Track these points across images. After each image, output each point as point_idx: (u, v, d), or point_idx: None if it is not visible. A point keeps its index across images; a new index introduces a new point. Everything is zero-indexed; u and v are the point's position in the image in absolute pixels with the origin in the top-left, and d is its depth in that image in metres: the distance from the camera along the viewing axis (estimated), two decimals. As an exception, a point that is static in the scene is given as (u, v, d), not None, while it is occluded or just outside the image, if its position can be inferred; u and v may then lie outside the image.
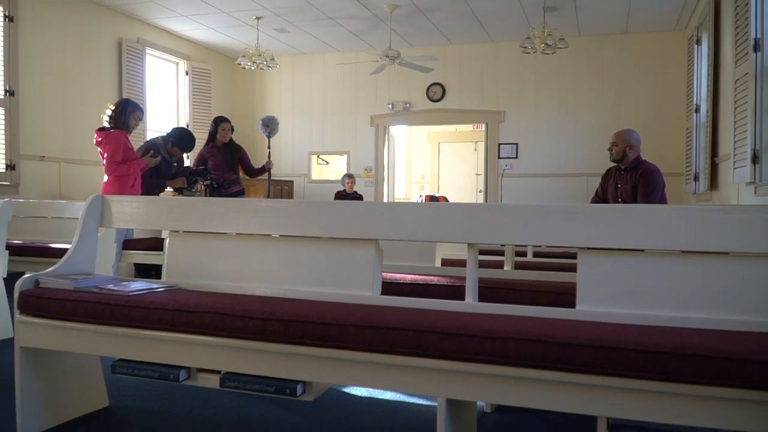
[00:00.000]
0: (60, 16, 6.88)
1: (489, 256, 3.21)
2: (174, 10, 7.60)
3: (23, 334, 2.03)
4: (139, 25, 8.03)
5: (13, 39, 6.31)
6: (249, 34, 8.42)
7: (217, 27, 8.33)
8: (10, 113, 6.28)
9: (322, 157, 10.15)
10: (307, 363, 1.71)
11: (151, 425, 2.18)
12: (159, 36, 8.41)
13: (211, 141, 5.71)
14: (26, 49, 6.48)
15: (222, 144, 5.68)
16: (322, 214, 2.09)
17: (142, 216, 2.35)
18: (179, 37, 8.78)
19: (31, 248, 4.22)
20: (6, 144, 6.24)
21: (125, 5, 7.42)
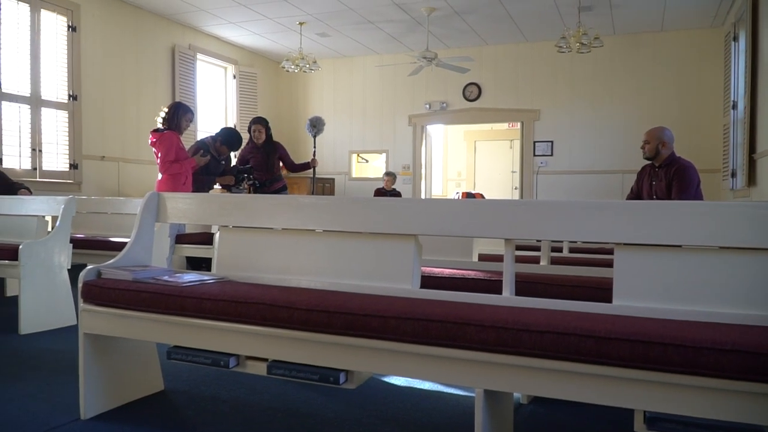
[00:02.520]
0: (118, 26, 7.19)
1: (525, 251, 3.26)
2: (223, 17, 7.84)
3: (86, 321, 2.18)
4: (190, 32, 8.31)
5: (76, 47, 6.64)
6: (292, 39, 8.61)
7: (262, 32, 8.54)
8: (74, 117, 6.61)
9: (362, 155, 10.28)
10: (350, 352, 1.79)
11: (202, 408, 2.31)
12: (209, 42, 8.68)
13: (251, 142, 5.87)
14: (88, 57, 6.80)
15: (260, 144, 5.82)
16: (363, 210, 2.18)
17: (194, 212, 2.47)
18: (227, 43, 9.04)
19: (93, 242, 4.46)
20: (70, 145, 6.57)
21: (178, 14, 7.69)
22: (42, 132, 6.37)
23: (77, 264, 3.91)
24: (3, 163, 5.89)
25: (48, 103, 6.44)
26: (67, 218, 3.75)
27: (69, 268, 3.78)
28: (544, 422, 2.24)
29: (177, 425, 2.14)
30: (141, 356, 2.40)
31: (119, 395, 2.30)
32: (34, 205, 3.95)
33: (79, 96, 6.71)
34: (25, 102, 6.23)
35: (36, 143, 6.31)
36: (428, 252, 2.74)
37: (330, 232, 2.26)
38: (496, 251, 3.11)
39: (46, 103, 6.43)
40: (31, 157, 6.26)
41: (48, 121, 6.45)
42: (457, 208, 2.04)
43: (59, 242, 3.71)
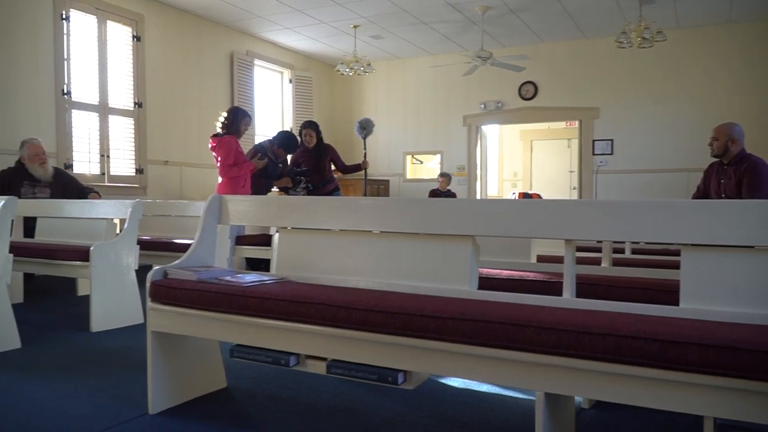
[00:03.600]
0: (180, 34, 7.45)
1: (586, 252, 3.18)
2: (279, 23, 8.00)
3: (154, 320, 2.26)
4: (248, 38, 8.53)
5: (140, 57, 6.92)
6: (347, 42, 8.70)
7: (317, 37, 8.67)
8: (139, 123, 6.89)
9: (416, 156, 10.29)
10: (408, 353, 1.80)
11: (263, 406, 2.36)
12: (266, 48, 8.88)
13: (302, 145, 5.96)
14: (151, 66, 7.08)
15: (311, 147, 5.90)
16: (420, 211, 2.18)
17: (254, 214, 2.54)
18: (283, 48, 9.23)
19: (158, 243, 4.63)
20: (135, 150, 6.86)
21: (236, 21, 7.90)
22: (110, 138, 6.67)
23: (144, 265, 4.07)
24: (74, 168, 6.19)
25: (115, 111, 6.73)
26: (135, 221, 3.90)
27: (136, 268, 3.93)
28: (607, 427, 2.19)
29: (239, 422, 2.19)
30: (205, 354, 2.48)
31: (184, 391, 2.38)
32: (104, 209, 4.13)
33: (144, 103, 6.98)
34: (94, 110, 6.52)
35: (104, 149, 6.60)
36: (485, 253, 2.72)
37: (387, 233, 2.27)
38: (554, 252, 3.06)
39: (114, 111, 6.72)
40: (99, 162, 6.56)
41: (115, 128, 6.74)
42: (516, 209, 2.02)
43: (127, 244, 3.87)
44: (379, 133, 8.21)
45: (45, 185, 5.05)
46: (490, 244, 2.79)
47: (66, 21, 6.19)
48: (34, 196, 4.92)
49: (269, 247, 4.54)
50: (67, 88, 6.19)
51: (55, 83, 6.07)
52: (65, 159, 6.13)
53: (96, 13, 6.52)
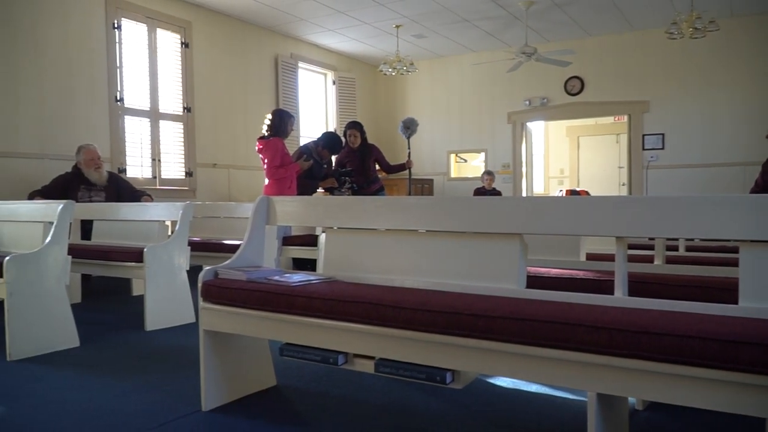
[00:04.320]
0: (226, 40, 7.61)
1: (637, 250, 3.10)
2: (322, 25, 8.08)
3: (206, 319, 2.31)
4: (292, 42, 8.64)
5: (189, 62, 7.10)
6: (389, 42, 8.72)
7: (359, 38, 8.72)
8: (188, 127, 7.06)
9: (460, 155, 10.23)
10: (456, 352, 1.78)
11: (312, 403, 2.39)
12: (309, 50, 8.98)
13: (347, 145, 5.99)
14: (199, 71, 7.26)
15: (356, 148, 5.93)
16: (466, 209, 2.16)
17: (301, 214, 2.57)
18: (326, 50, 9.31)
19: (208, 244, 4.73)
20: (185, 154, 7.03)
21: (280, 25, 8.02)
22: (160, 143, 6.86)
23: (194, 265, 4.17)
24: (127, 172, 6.39)
25: (165, 116, 6.92)
26: (185, 223, 4.00)
27: (187, 269, 4.04)
28: (661, 430, 2.13)
29: (289, 420, 2.23)
30: (255, 352, 2.52)
31: (236, 389, 2.43)
32: (156, 211, 4.25)
33: (193, 108, 7.16)
34: (146, 115, 6.72)
35: (155, 153, 6.79)
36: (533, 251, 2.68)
37: (433, 232, 2.26)
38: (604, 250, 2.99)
39: (164, 116, 6.91)
40: (151, 166, 6.75)
41: (165, 133, 6.93)
42: (565, 206, 1.98)
43: (179, 245, 3.97)
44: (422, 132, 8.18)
45: (100, 189, 5.23)
46: (538, 242, 2.75)
47: (118, 30, 6.40)
48: (90, 199, 5.11)
49: (315, 247, 4.59)
50: (120, 95, 6.40)
51: (108, 90, 6.28)
52: (119, 163, 6.34)
53: (146, 22, 6.72)
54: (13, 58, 5.50)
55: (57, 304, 3.30)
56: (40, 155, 5.64)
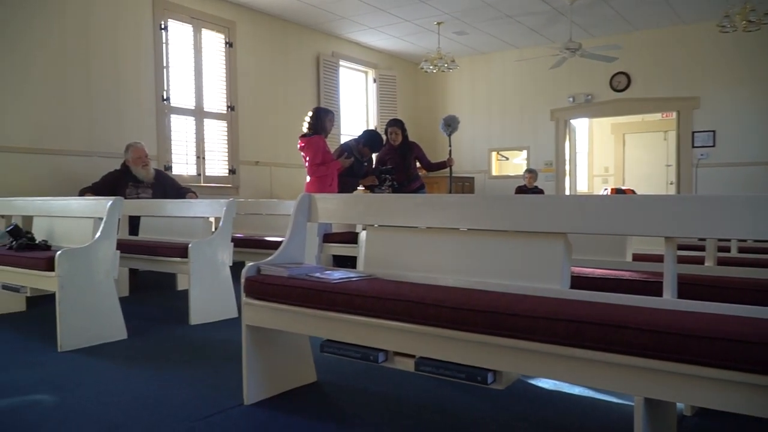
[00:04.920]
0: (268, 39, 7.71)
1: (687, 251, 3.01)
2: (363, 23, 8.10)
3: (248, 314, 2.35)
4: (333, 40, 8.69)
5: (233, 62, 7.22)
6: (430, 39, 8.69)
7: (400, 35, 8.71)
8: (231, 126, 7.18)
9: (501, 153, 10.11)
10: (498, 352, 1.76)
11: (352, 400, 2.40)
12: (350, 48, 9.02)
13: (388, 143, 5.99)
14: (243, 70, 7.37)
15: (397, 146, 5.92)
16: (509, 208, 2.13)
17: (342, 212, 2.58)
18: (367, 47, 9.33)
19: (250, 240, 4.80)
20: (229, 152, 7.16)
21: (322, 23, 8.08)
22: (205, 141, 6.99)
23: (237, 261, 4.24)
24: (173, 169, 6.53)
25: (209, 114, 7.05)
26: (229, 219, 4.07)
27: (230, 265, 4.10)
28: (712, 437, 2.06)
29: (330, 415, 2.24)
30: (296, 348, 2.55)
31: (277, 384, 2.45)
32: (200, 208, 4.34)
33: (236, 106, 7.27)
34: (191, 114, 6.86)
35: (200, 151, 6.93)
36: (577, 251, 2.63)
37: (474, 230, 2.24)
38: (652, 251, 2.91)
39: (208, 115, 7.04)
40: (196, 163, 6.89)
41: (210, 131, 7.06)
42: (611, 205, 1.93)
43: (222, 241, 4.04)
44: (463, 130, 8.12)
45: (147, 186, 5.36)
46: (582, 242, 2.70)
47: (164, 31, 6.54)
48: (137, 196, 5.24)
49: (355, 244, 4.61)
50: (166, 95, 6.55)
51: (155, 90, 6.43)
52: (165, 161, 6.48)
53: (192, 22, 6.85)
54: (64, 59, 5.69)
55: (106, 298, 3.40)
56: (90, 153, 5.82)
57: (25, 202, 4.27)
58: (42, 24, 5.53)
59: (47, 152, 5.53)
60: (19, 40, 5.39)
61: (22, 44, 5.41)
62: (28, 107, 5.44)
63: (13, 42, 5.34)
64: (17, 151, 5.33)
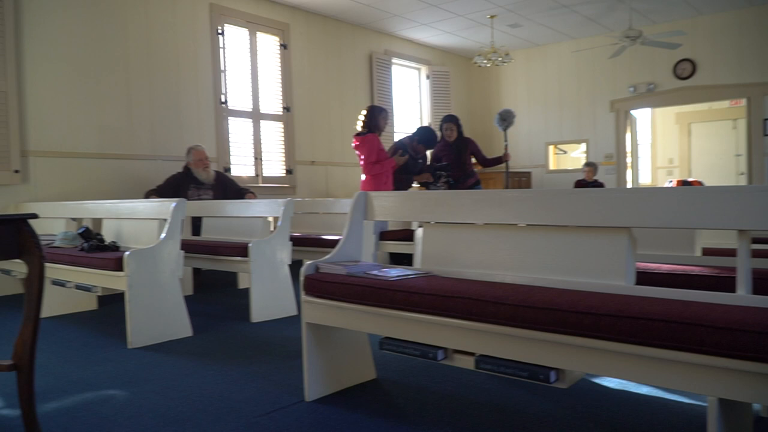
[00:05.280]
0: (322, 40, 7.80)
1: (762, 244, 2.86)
2: (415, 20, 8.08)
3: (307, 312, 2.38)
4: (386, 38, 8.71)
5: (287, 64, 7.34)
6: (483, 33, 8.59)
7: (453, 30, 8.64)
8: (287, 126, 7.31)
9: (559, 146, 9.89)
10: (560, 350, 1.72)
11: (412, 398, 2.39)
12: (402, 46, 9.02)
13: (443, 139, 5.94)
14: (297, 71, 7.49)
15: (452, 142, 5.87)
16: (569, 202, 2.08)
17: (399, 209, 2.57)
18: (420, 44, 9.31)
19: (308, 239, 4.87)
20: (285, 152, 7.29)
21: (375, 22, 8.10)
22: (262, 142, 7.13)
23: (295, 260, 4.31)
24: (232, 171, 6.70)
25: (266, 116, 7.19)
26: (287, 219, 4.14)
27: (289, 263, 4.17)
28: (792, 440, 1.95)
29: (389, 413, 2.24)
30: (356, 346, 2.56)
31: (337, 381, 2.48)
32: (259, 208, 4.42)
33: (291, 107, 7.39)
34: (248, 116, 7.01)
35: (257, 152, 7.08)
36: (642, 246, 2.55)
37: (533, 226, 2.20)
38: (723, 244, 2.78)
39: (265, 116, 7.17)
40: (254, 164, 7.04)
41: (266, 132, 7.20)
42: (679, 197, 1.86)
43: (281, 240, 4.11)
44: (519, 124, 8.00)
45: (208, 188, 5.51)
46: (647, 237, 2.61)
47: (221, 35, 6.71)
48: (199, 197, 5.40)
49: (412, 241, 4.60)
50: (224, 98, 6.71)
51: (213, 94, 6.60)
52: (224, 163, 6.65)
53: (247, 26, 7.00)
54: (126, 67, 5.91)
55: (172, 296, 3.51)
56: (154, 157, 6.03)
57: (95, 205, 4.46)
58: (107, 36, 5.76)
59: (114, 157, 5.77)
60: (88, 53, 5.64)
61: (91, 57, 5.66)
62: (97, 115, 5.68)
63: (82, 55, 5.59)
64: (88, 156, 5.58)
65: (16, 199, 5.16)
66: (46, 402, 2.41)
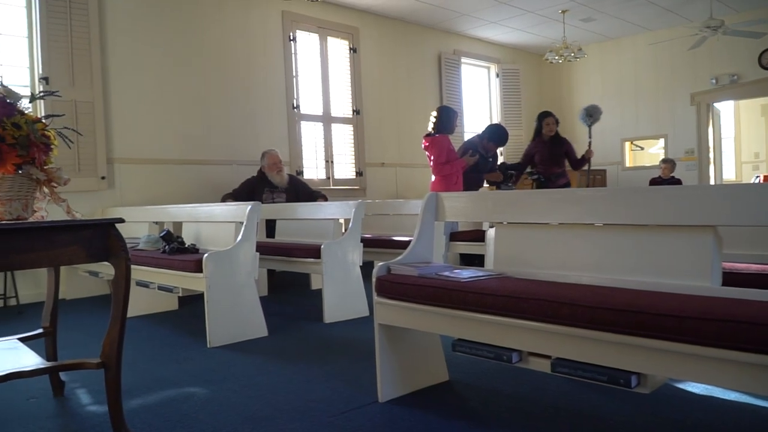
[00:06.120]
0: (390, 42, 7.86)
1: None
2: (484, 18, 8.01)
3: (380, 313, 2.39)
4: (454, 37, 8.68)
5: (357, 67, 7.43)
6: (555, 29, 8.41)
7: (523, 27, 8.50)
8: (357, 129, 7.40)
9: (635, 142, 9.53)
10: (641, 354, 1.66)
11: (486, 400, 2.37)
12: (471, 45, 8.96)
13: (537, 136, 5.82)
14: (366, 74, 7.57)
15: (548, 138, 5.75)
16: (648, 200, 2.00)
17: (470, 210, 2.55)
18: (489, 42, 9.22)
19: (378, 240, 4.91)
20: (355, 155, 7.39)
21: (443, 22, 8.09)
22: (332, 145, 7.24)
23: (366, 261, 4.35)
24: (304, 174, 6.84)
25: (336, 120, 7.30)
26: (358, 220, 4.19)
27: (360, 265, 4.21)
28: None
29: (463, 415, 2.23)
30: (428, 347, 2.56)
31: (410, 382, 2.48)
32: (331, 210, 4.50)
33: (361, 110, 7.47)
34: (319, 120, 7.15)
35: (328, 155, 7.20)
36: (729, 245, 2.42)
37: (610, 225, 2.13)
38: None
39: (335, 120, 7.29)
40: (325, 167, 7.17)
41: (337, 135, 7.31)
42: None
43: (352, 242, 4.16)
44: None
45: (282, 191, 5.66)
46: (733, 235, 2.47)
47: (293, 42, 6.87)
48: (273, 201, 5.55)
49: (482, 242, 4.55)
50: (296, 102, 6.87)
51: (286, 99, 6.77)
52: (297, 166, 6.80)
53: (318, 31, 7.14)
54: (203, 75, 6.15)
55: (248, 297, 3.62)
56: (230, 162, 6.25)
57: (175, 209, 4.67)
58: (185, 47, 6.02)
59: (193, 162, 6.01)
60: (168, 63, 5.91)
61: (170, 66, 5.93)
62: (176, 123, 5.94)
63: (162, 65, 5.87)
64: (168, 162, 5.85)
65: (103, 204, 5.47)
66: (131, 398, 2.53)
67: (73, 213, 2.10)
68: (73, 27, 5.31)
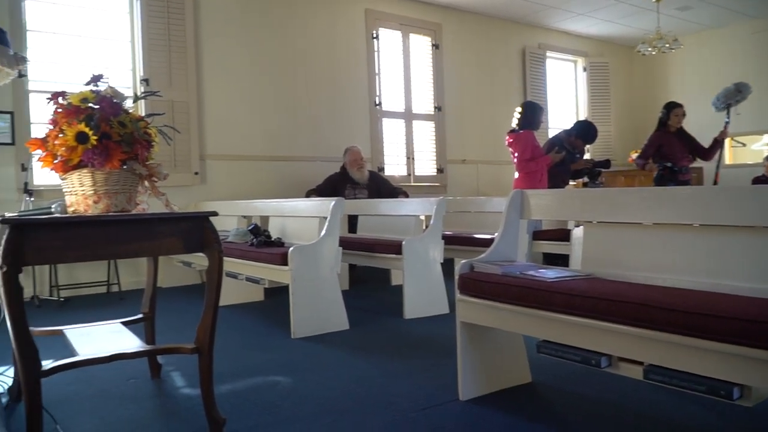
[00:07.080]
0: (473, 37, 7.77)
1: None
2: (571, 10, 7.77)
3: (462, 311, 2.37)
4: (539, 31, 8.47)
5: (439, 63, 7.41)
6: (647, 19, 8.02)
7: (613, 18, 8.18)
8: (438, 126, 7.38)
9: (736, 138, 8.95)
10: (746, 365, 1.55)
11: (570, 404, 2.30)
12: (557, 38, 8.71)
13: (662, 127, 5.58)
14: (448, 70, 7.53)
15: (675, 130, 5.52)
16: (753, 199, 1.87)
17: (557, 208, 2.48)
18: (576, 35, 8.93)
19: (459, 238, 4.87)
20: (436, 151, 7.37)
21: (528, 15, 7.91)
22: (414, 142, 7.25)
23: (447, 258, 4.32)
24: (385, 170, 6.89)
25: (418, 116, 7.30)
26: (439, 217, 4.17)
27: (441, 262, 4.19)
28: None
29: (547, 418, 2.17)
30: (510, 347, 2.52)
31: (491, 382, 2.44)
32: (411, 207, 4.50)
33: (443, 106, 7.43)
34: (400, 117, 7.17)
35: (409, 152, 7.21)
36: None
37: (709, 226, 2.01)
38: None
39: (417, 116, 7.29)
40: (406, 164, 7.18)
41: (418, 132, 7.31)
42: None
43: (433, 239, 4.15)
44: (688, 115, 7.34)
45: (363, 187, 5.72)
46: None
47: (376, 39, 6.92)
48: (355, 197, 5.62)
49: (567, 242, 4.42)
50: (378, 99, 6.92)
51: (368, 96, 6.84)
52: (378, 163, 6.86)
53: (400, 28, 7.16)
54: (289, 74, 6.31)
55: (330, 290, 3.69)
56: (313, 158, 6.38)
57: (262, 203, 4.82)
58: (272, 47, 6.20)
59: (278, 159, 6.19)
60: (256, 63, 6.11)
61: (258, 67, 6.12)
62: (264, 121, 6.14)
63: (251, 66, 6.07)
64: (256, 159, 6.05)
65: (196, 198, 5.73)
66: (221, 383, 2.64)
67: (172, 206, 2.21)
68: (171, 31, 5.59)
